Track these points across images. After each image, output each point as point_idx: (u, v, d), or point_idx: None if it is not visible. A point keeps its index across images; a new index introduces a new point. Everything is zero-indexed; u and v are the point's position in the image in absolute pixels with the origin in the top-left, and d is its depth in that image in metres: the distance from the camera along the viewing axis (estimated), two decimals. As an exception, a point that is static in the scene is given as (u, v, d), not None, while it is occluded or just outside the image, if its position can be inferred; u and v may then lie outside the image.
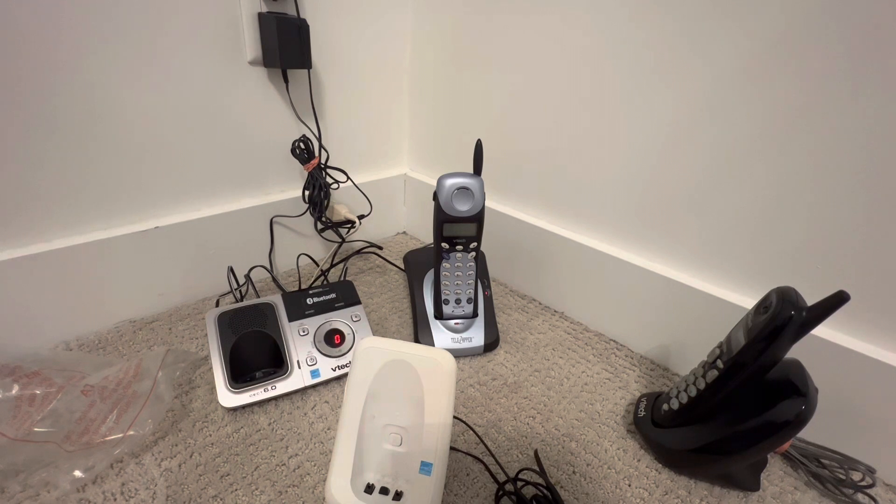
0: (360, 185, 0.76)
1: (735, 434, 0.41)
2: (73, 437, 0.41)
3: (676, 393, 0.46)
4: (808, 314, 0.36)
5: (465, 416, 0.51)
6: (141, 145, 0.57)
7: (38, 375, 0.45)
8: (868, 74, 0.40)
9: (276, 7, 0.59)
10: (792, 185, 0.46)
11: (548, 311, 0.71)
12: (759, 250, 0.50)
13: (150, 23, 0.53)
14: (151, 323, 0.61)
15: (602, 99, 0.57)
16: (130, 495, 0.40)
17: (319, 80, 0.70)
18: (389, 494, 0.36)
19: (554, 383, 0.57)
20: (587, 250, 0.64)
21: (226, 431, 0.47)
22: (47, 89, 0.49)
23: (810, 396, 0.38)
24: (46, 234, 0.53)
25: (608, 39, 0.55)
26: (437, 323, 0.61)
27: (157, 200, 0.61)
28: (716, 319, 0.51)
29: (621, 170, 0.58)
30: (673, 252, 0.57)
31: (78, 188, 0.54)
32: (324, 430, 0.48)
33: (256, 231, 0.70)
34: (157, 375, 0.47)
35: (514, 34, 0.63)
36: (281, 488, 0.42)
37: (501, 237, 0.73)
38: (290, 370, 0.51)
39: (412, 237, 0.93)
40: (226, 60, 0.59)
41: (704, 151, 0.51)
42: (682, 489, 0.44)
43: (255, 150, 0.67)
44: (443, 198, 0.53)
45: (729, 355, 0.40)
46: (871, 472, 0.43)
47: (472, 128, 0.74)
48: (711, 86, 0.48)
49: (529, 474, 0.44)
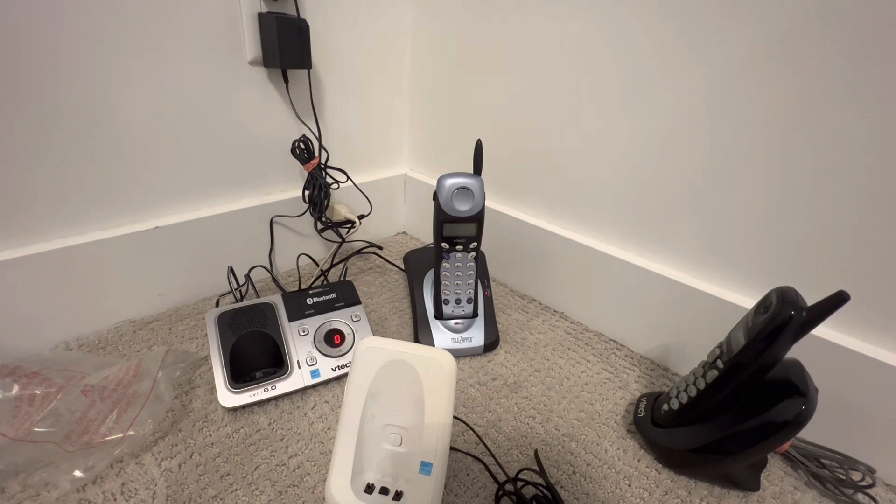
0: (360, 185, 0.76)
1: (735, 434, 0.41)
2: (73, 437, 0.41)
3: (676, 393, 0.46)
4: (808, 314, 0.36)
5: (465, 416, 0.51)
6: (141, 145, 0.57)
7: (38, 375, 0.45)
8: (868, 74, 0.40)
9: (276, 7, 0.59)
10: (792, 184, 0.46)
11: (548, 311, 0.71)
12: (759, 250, 0.50)
13: (150, 23, 0.53)
14: (151, 323, 0.61)
15: (602, 98, 0.57)
16: (130, 495, 0.40)
17: (319, 80, 0.70)
18: (389, 494, 0.36)
19: (554, 383, 0.57)
20: (587, 250, 0.64)
21: (226, 431, 0.47)
22: (47, 89, 0.49)
23: (810, 396, 0.38)
24: (46, 234, 0.53)
25: (608, 39, 0.55)
26: (437, 323, 0.61)
27: (157, 200, 0.61)
28: (716, 319, 0.51)
29: (621, 170, 0.58)
30: (673, 252, 0.57)
31: (78, 188, 0.54)
32: (324, 430, 0.48)
33: (256, 231, 0.70)
34: (157, 375, 0.47)
35: (515, 34, 0.63)
36: (281, 488, 0.42)
37: (501, 237, 0.73)
38: (290, 370, 0.51)
39: (412, 237, 0.93)
40: (226, 60, 0.59)
41: (704, 151, 0.51)
42: (682, 489, 0.44)
43: (255, 150, 0.67)
44: (443, 198, 0.53)
45: (729, 355, 0.40)
46: (871, 472, 0.43)
47: (472, 128, 0.74)
48: (711, 86, 0.48)
49: (529, 474, 0.44)
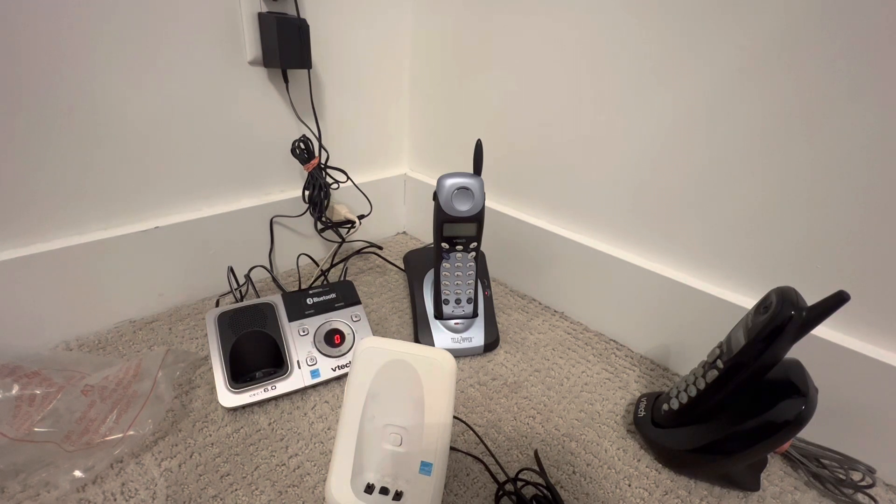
0: (360, 185, 0.76)
1: (735, 434, 0.41)
2: (73, 437, 0.41)
3: (676, 393, 0.46)
4: (808, 314, 0.36)
5: (465, 416, 0.51)
6: (141, 145, 0.57)
7: (38, 375, 0.45)
8: (868, 74, 0.40)
9: (276, 7, 0.59)
10: (792, 184, 0.46)
11: (548, 311, 0.71)
12: (758, 250, 0.50)
13: (150, 23, 0.53)
14: (151, 323, 0.61)
15: (602, 98, 0.57)
16: (130, 495, 0.40)
17: (319, 80, 0.70)
18: (389, 494, 0.36)
19: (554, 383, 0.57)
20: (587, 250, 0.64)
21: (226, 431, 0.47)
22: (47, 89, 0.49)
23: (810, 396, 0.38)
24: (46, 234, 0.53)
25: (608, 39, 0.55)
26: (437, 323, 0.61)
27: (158, 200, 0.61)
28: (716, 319, 0.51)
29: (621, 169, 0.58)
30: (673, 252, 0.57)
31: (78, 188, 0.54)
32: (324, 430, 0.48)
33: (256, 231, 0.70)
34: (157, 375, 0.47)
35: (514, 34, 0.63)
36: (281, 488, 0.42)
37: (501, 237, 0.73)
38: (290, 370, 0.51)
39: (412, 237, 0.93)
40: (226, 60, 0.59)
41: (704, 151, 0.51)
42: (682, 489, 0.44)
43: (256, 150, 0.67)
44: (443, 198, 0.53)
45: (729, 355, 0.40)
46: (871, 472, 0.43)
47: (472, 128, 0.74)
48: (711, 85, 0.48)
49: (529, 474, 0.44)
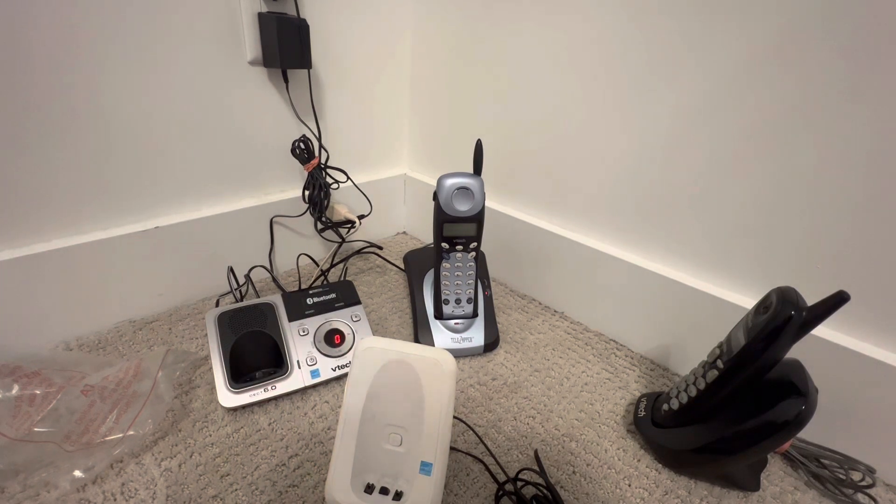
0: (360, 185, 0.76)
1: (735, 434, 0.41)
2: (73, 437, 0.41)
3: (676, 393, 0.46)
4: (808, 314, 0.36)
5: (465, 416, 0.51)
6: (141, 145, 0.57)
7: (38, 375, 0.45)
8: (868, 74, 0.40)
9: (276, 7, 0.59)
10: (792, 184, 0.46)
11: (548, 311, 0.71)
12: (759, 250, 0.50)
13: (150, 23, 0.53)
14: (151, 323, 0.61)
15: (602, 99, 0.57)
16: (130, 495, 0.40)
17: (319, 80, 0.70)
18: (389, 494, 0.36)
19: (554, 383, 0.57)
20: (587, 250, 0.64)
21: (226, 431, 0.47)
22: (47, 90, 0.49)
23: (810, 396, 0.38)
24: (46, 234, 0.53)
25: (608, 39, 0.55)
26: (437, 323, 0.61)
27: (158, 200, 0.61)
28: (716, 319, 0.51)
29: (621, 170, 0.58)
30: (673, 252, 0.57)
31: (78, 188, 0.54)
32: (324, 430, 0.48)
33: (256, 231, 0.70)
34: (157, 375, 0.47)
35: (514, 34, 0.63)
36: (281, 488, 0.42)
37: (501, 237, 0.73)
38: (290, 370, 0.51)
39: (412, 237, 0.93)
40: (226, 60, 0.59)
41: (704, 151, 0.51)
42: (682, 489, 0.44)
43: (256, 150, 0.67)
44: (443, 198, 0.53)
45: (729, 355, 0.40)
46: (871, 472, 0.43)
47: (472, 128, 0.74)
48: (711, 85, 0.48)
49: (529, 474, 0.44)
